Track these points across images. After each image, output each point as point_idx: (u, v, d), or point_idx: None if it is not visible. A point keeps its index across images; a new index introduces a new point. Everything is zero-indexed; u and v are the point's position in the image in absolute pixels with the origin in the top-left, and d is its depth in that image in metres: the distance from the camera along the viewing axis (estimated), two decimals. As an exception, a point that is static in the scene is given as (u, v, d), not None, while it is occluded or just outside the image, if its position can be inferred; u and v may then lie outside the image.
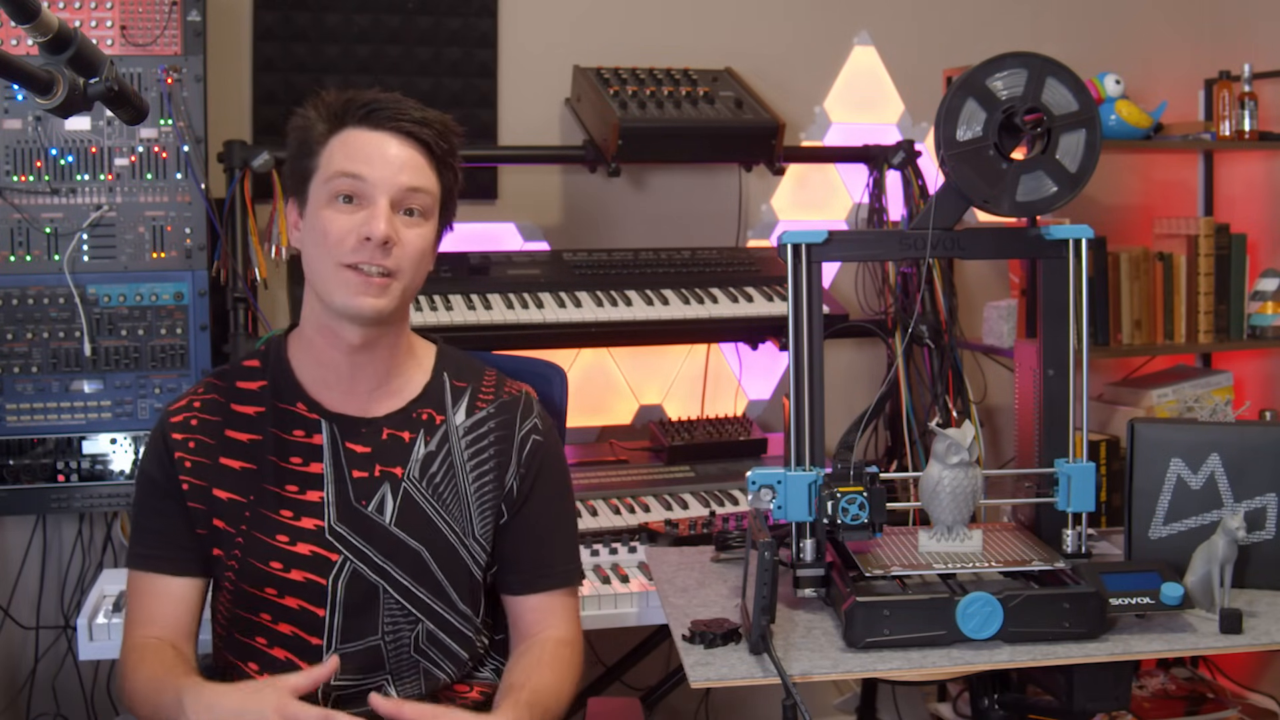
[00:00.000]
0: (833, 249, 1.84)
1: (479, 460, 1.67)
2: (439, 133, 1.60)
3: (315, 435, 1.63)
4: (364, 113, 1.57)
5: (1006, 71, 1.81)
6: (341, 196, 1.55)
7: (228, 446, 1.63)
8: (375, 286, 1.54)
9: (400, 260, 1.56)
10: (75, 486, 2.39)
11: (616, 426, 2.97)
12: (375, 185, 1.54)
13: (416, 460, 1.64)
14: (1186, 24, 3.37)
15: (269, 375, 1.66)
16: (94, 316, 2.38)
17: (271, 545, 1.61)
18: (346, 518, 1.62)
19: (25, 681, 2.68)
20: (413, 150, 1.57)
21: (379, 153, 1.56)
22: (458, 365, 1.72)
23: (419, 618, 1.64)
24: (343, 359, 1.62)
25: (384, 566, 1.62)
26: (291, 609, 1.61)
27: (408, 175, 1.56)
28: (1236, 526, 1.77)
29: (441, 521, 1.64)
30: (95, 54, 1.29)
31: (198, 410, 1.65)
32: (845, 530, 1.76)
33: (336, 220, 1.54)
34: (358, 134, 1.57)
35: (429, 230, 1.60)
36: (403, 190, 1.56)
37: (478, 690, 1.72)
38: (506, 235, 2.92)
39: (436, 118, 1.60)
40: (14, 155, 2.35)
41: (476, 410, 1.69)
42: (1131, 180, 3.34)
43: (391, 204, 1.55)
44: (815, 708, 3.01)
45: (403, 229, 1.56)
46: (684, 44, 2.98)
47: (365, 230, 1.53)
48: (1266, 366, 3.31)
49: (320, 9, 2.78)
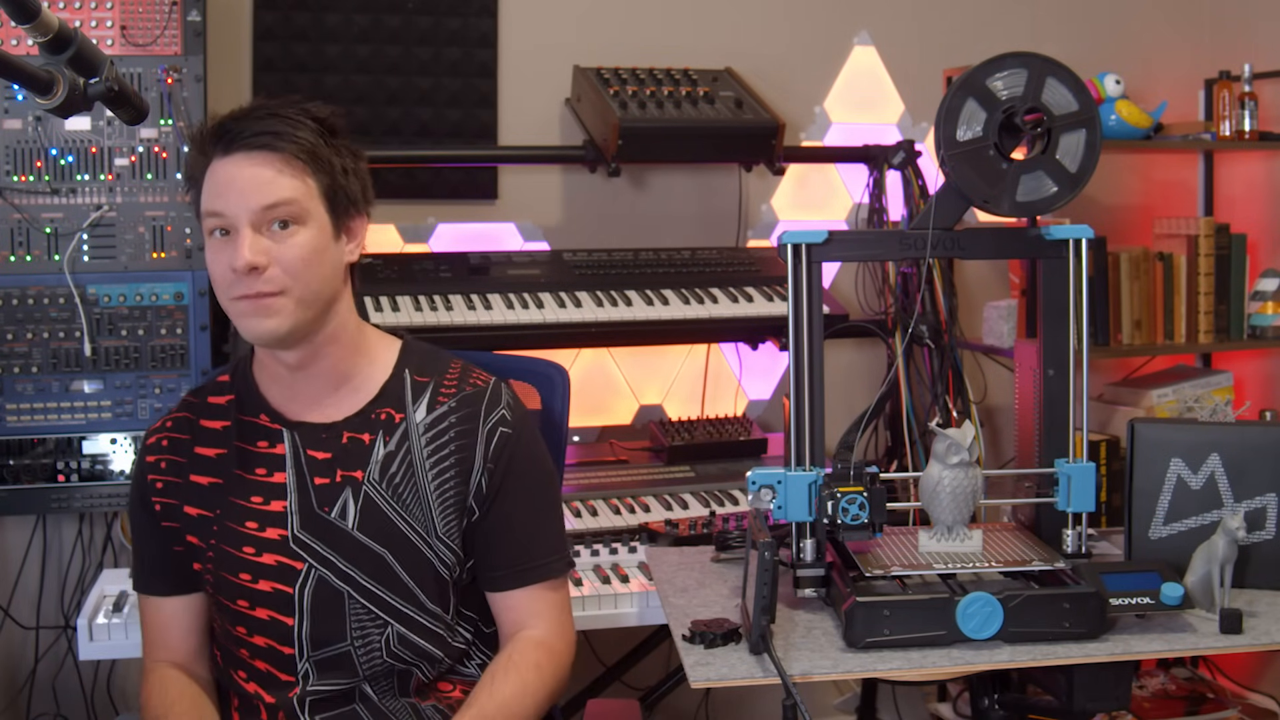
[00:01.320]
0: (833, 249, 1.84)
1: (439, 457, 1.63)
2: (291, 135, 1.53)
3: (278, 445, 1.63)
4: (217, 139, 1.53)
5: (1006, 71, 1.81)
6: (216, 231, 1.53)
7: (196, 463, 1.64)
8: (264, 308, 1.52)
9: (279, 278, 1.51)
10: (75, 486, 2.39)
11: (616, 426, 2.97)
12: (235, 217, 1.51)
13: (376, 462, 1.62)
14: (1186, 24, 3.37)
15: (236, 389, 1.67)
16: (94, 316, 2.38)
17: (239, 557, 1.61)
18: (309, 525, 1.61)
19: (25, 681, 2.68)
20: (265, 165, 1.52)
21: (233, 181, 1.51)
22: (420, 361, 1.69)
23: (387, 621, 1.62)
24: (288, 374, 1.62)
25: (348, 572, 1.61)
26: (263, 620, 1.61)
27: (260, 194, 1.51)
28: (1236, 526, 1.77)
29: (403, 523, 1.62)
30: (95, 54, 1.29)
31: (169, 430, 1.67)
32: (845, 530, 1.76)
33: (216, 260, 1.53)
34: (219, 165, 1.53)
35: (309, 234, 1.54)
36: (259, 211, 1.51)
37: (460, 689, 1.70)
38: (506, 235, 2.92)
39: (288, 118, 1.54)
40: (14, 155, 2.35)
41: (438, 405, 1.64)
42: (1131, 180, 3.33)
43: (255, 227, 1.51)
44: (815, 708, 3.01)
45: (275, 246, 1.51)
46: (684, 44, 2.98)
47: (231, 263, 1.50)
48: (1266, 366, 3.31)
49: (320, 9, 2.78)
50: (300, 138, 1.54)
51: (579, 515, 2.46)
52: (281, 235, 1.52)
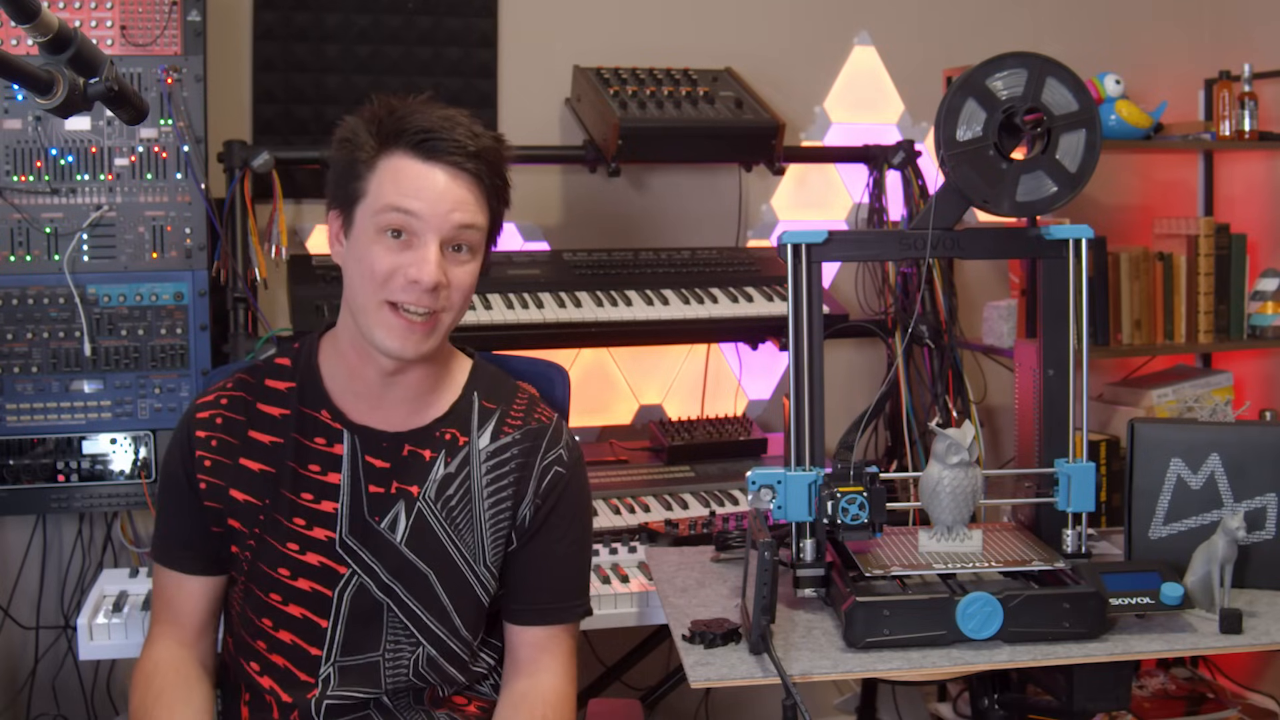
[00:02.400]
0: (833, 249, 1.84)
1: (498, 486, 1.63)
2: (491, 165, 1.55)
3: (336, 445, 1.61)
4: (416, 140, 1.50)
5: (1006, 71, 1.81)
6: (391, 231, 1.50)
7: (249, 447, 1.61)
8: (419, 332, 1.51)
9: (448, 300, 1.53)
10: (75, 486, 2.39)
11: (616, 426, 2.97)
12: (426, 223, 1.49)
13: (434, 480, 1.61)
14: (1186, 24, 3.37)
15: (298, 377, 1.63)
16: (94, 316, 2.38)
17: (281, 552, 1.60)
18: (358, 531, 1.60)
19: (25, 681, 2.68)
20: (465, 186, 1.52)
21: (430, 187, 1.50)
22: (490, 385, 1.68)
23: (420, 641, 1.62)
24: (375, 377, 1.59)
25: (390, 585, 1.60)
26: (295, 617, 1.61)
27: (460, 213, 1.51)
28: (1236, 526, 1.77)
29: (452, 546, 1.61)
30: (95, 54, 1.29)
31: (224, 408, 1.63)
32: (845, 530, 1.76)
33: (385, 258, 1.50)
34: (408, 164, 1.50)
35: (477, 265, 1.57)
36: (454, 229, 1.51)
37: (475, 705, 1.71)
38: (506, 235, 2.87)
39: (490, 147, 1.55)
40: (14, 155, 2.35)
41: (503, 435, 1.64)
42: (1131, 180, 3.33)
43: (441, 243, 1.51)
44: (815, 708, 3.01)
45: (451, 267, 1.52)
46: (684, 44, 2.98)
47: (414, 273, 1.48)
48: (1266, 366, 3.31)
49: (320, 9, 2.78)
50: (498, 176, 1.57)
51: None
52: (457, 259, 1.53)
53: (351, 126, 1.54)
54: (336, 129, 1.57)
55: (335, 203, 1.57)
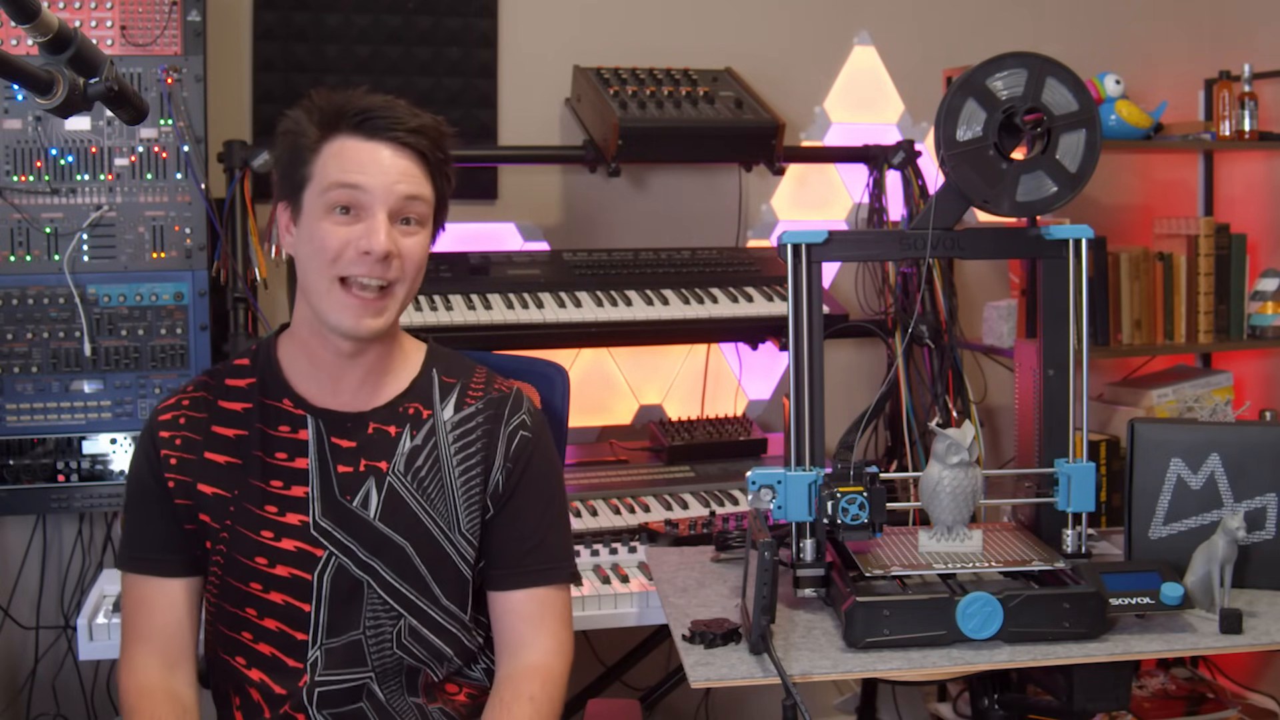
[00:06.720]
0: (833, 249, 1.84)
1: (466, 455, 1.66)
2: (433, 140, 1.59)
3: (301, 431, 1.63)
4: (357, 121, 1.54)
5: (1006, 71, 1.81)
6: (339, 208, 1.54)
7: (213, 441, 1.63)
8: (373, 308, 1.55)
9: (401, 271, 1.56)
10: (75, 486, 2.39)
11: (616, 426, 2.97)
12: (373, 195, 1.53)
13: (402, 454, 1.63)
14: (1186, 24, 3.37)
15: (258, 373, 1.66)
16: (94, 316, 2.38)
17: (256, 541, 1.61)
18: (331, 513, 1.62)
19: (25, 681, 2.68)
20: (408, 158, 1.56)
21: (374, 161, 1.54)
22: (448, 363, 1.72)
23: (401, 613, 1.63)
24: (334, 360, 1.62)
25: (369, 562, 1.62)
26: (277, 604, 1.61)
27: (405, 184, 1.55)
28: (1236, 526, 1.77)
29: (426, 516, 1.64)
30: (95, 54, 1.29)
31: (186, 408, 1.65)
32: (845, 530, 1.76)
33: (335, 233, 1.53)
34: (351, 143, 1.54)
35: (425, 237, 1.60)
36: (401, 200, 1.55)
37: (465, 693, 1.71)
38: (506, 235, 2.92)
39: (430, 124, 1.59)
40: (14, 155, 2.35)
41: (466, 405, 1.68)
42: (1131, 180, 3.34)
43: (389, 214, 1.54)
44: (815, 708, 3.01)
45: (401, 239, 1.56)
46: (684, 44, 2.98)
47: (365, 244, 1.52)
48: (1266, 366, 3.31)
49: (320, 9, 2.78)
50: (439, 150, 1.59)
51: (579, 515, 2.46)
52: (406, 231, 1.57)
53: (293, 118, 1.59)
54: (278, 124, 1.61)
55: (283, 194, 1.60)
